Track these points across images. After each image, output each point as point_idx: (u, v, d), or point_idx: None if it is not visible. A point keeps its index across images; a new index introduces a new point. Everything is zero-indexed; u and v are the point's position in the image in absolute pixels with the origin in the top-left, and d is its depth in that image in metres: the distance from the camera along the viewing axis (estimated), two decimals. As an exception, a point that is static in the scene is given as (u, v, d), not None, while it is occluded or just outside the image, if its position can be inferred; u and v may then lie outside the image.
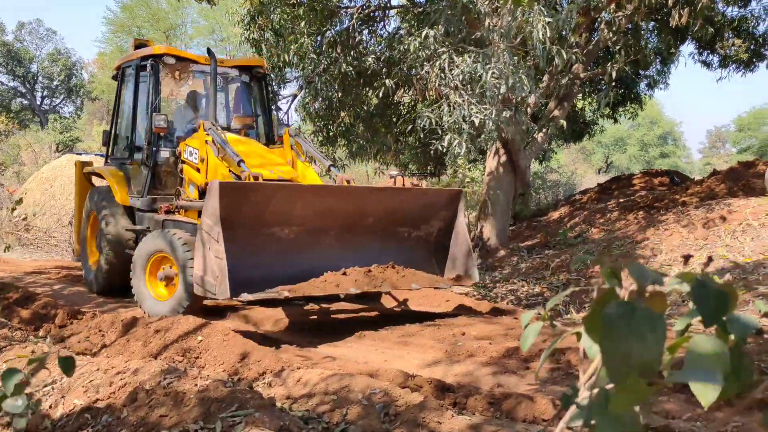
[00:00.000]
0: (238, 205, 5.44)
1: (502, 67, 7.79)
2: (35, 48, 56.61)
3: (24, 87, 56.12)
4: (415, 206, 6.49)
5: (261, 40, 11.02)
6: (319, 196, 5.97)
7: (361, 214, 6.18)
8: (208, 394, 3.30)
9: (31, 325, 6.02)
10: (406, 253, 6.38)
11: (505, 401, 3.39)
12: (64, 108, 58.33)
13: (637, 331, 0.73)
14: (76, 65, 57.12)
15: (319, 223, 6.02)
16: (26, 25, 56.39)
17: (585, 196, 16.84)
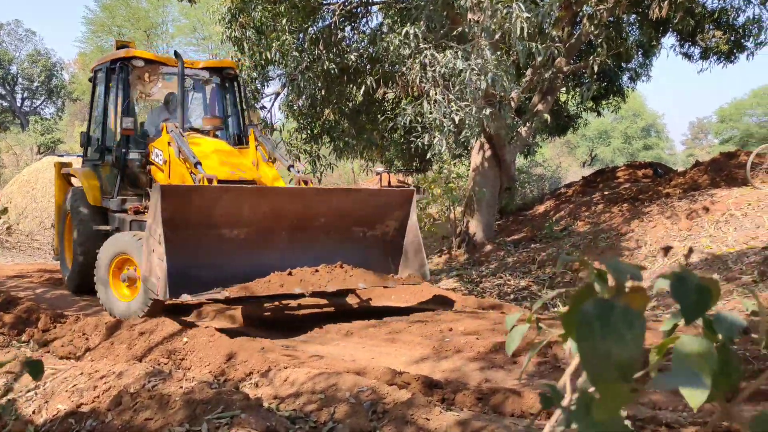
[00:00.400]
0: (182, 208, 5.49)
1: (481, 63, 7.79)
2: (14, 49, 55.92)
3: (4, 89, 55.42)
4: (367, 207, 6.53)
5: (243, 38, 10.95)
6: (265, 198, 6.01)
7: (312, 215, 6.23)
8: (193, 396, 3.27)
9: (14, 330, 5.93)
10: (362, 252, 6.44)
11: (493, 396, 3.39)
12: (45, 109, 57.69)
13: (614, 329, 0.70)
14: (57, 66, 56.50)
15: (269, 224, 6.06)
16: (4, 26, 55.69)
17: (570, 190, 16.92)
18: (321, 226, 6.33)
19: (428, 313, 6.03)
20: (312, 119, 12.39)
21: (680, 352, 0.77)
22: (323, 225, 6.33)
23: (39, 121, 44.73)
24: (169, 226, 5.30)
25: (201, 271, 5.60)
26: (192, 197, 5.64)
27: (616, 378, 0.69)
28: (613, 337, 0.70)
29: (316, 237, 6.33)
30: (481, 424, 2.86)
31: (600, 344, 0.70)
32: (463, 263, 11.76)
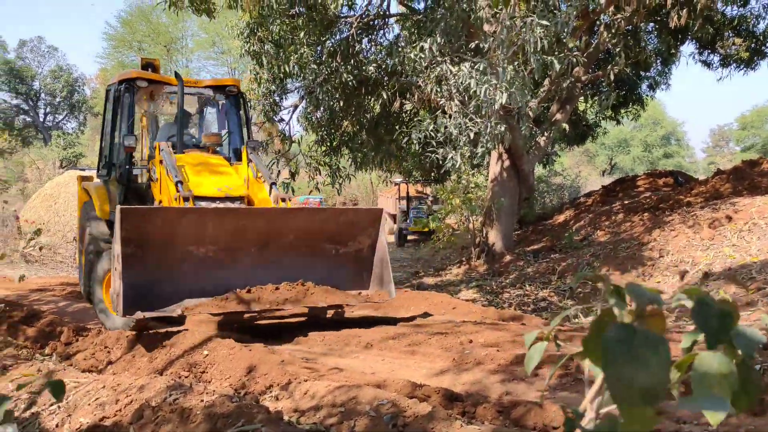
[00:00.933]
0: (141, 229, 5.62)
1: (496, 82, 7.76)
2: (37, 65, 56.96)
3: (27, 104, 56.41)
4: (335, 226, 6.58)
5: (261, 51, 11.04)
6: (227, 218, 6.07)
7: (278, 235, 6.30)
8: (214, 409, 3.28)
9: (37, 343, 6.01)
10: (330, 270, 6.50)
11: (514, 409, 3.35)
12: (67, 124, 58.63)
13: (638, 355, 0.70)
14: (78, 81, 57.45)
15: (233, 244, 6.14)
16: (28, 42, 56.78)
17: (590, 199, 16.81)
18: (288, 245, 6.38)
19: (448, 325, 5.99)
20: (331, 131, 12.45)
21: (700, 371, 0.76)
22: (291, 244, 6.39)
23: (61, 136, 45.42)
24: (129, 246, 5.49)
25: (162, 289, 5.68)
26: (151, 218, 5.78)
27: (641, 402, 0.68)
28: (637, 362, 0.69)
29: (285, 256, 6.38)
30: (503, 438, 2.83)
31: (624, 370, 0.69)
32: (483, 274, 11.71)
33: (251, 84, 12.10)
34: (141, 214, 5.80)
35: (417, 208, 21.65)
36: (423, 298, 7.55)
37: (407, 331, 5.74)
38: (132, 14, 34.54)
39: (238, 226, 6.11)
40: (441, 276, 12.77)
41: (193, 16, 15.15)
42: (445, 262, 14.89)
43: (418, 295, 7.76)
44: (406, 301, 7.59)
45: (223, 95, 8.41)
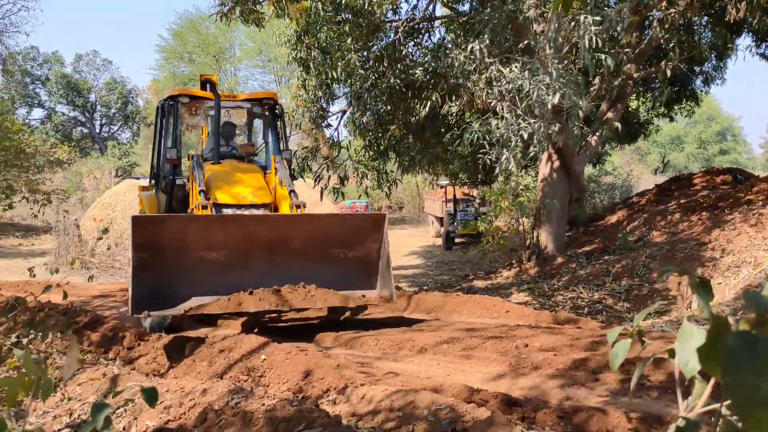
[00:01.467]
0: (153, 235, 6.02)
1: (548, 81, 7.68)
2: (93, 78, 58.87)
3: (84, 116, 58.32)
4: (341, 231, 6.82)
5: (308, 58, 11.17)
6: (233, 225, 6.49)
7: (285, 240, 6.58)
8: (275, 413, 3.33)
9: (101, 348, 6.18)
10: (338, 273, 6.70)
11: (576, 415, 3.30)
12: (122, 134, 60.37)
13: (762, 364, 0.69)
14: (132, 93, 59.12)
15: (242, 249, 6.48)
16: (83, 56, 58.74)
17: (643, 198, 16.45)
18: (296, 250, 6.64)
19: (502, 329, 5.94)
20: (378, 135, 12.51)
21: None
22: (298, 249, 6.65)
23: (116, 146, 46.82)
24: (141, 251, 5.89)
25: (172, 292, 6.04)
26: (162, 225, 6.21)
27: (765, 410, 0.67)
28: (761, 370, 0.68)
29: (293, 260, 6.62)
30: (565, 443, 2.80)
31: (747, 378, 0.68)
32: (534, 276, 11.58)
33: (298, 90, 12.25)
34: (151, 222, 6.37)
35: (464, 211, 21.53)
36: (475, 302, 7.50)
37: (461, 336, 5.71)
38: (182, 26, 35.38)
39: (246, 232, 6.43)
40: (491, 279, 12.67)
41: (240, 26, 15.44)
42: (494, 265, 14.78)
43: (470, 298, 7.71)
44: (458, 305, 7.55)
45: (259, 107, 8.78)
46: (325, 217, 7.46)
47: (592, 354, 4.50)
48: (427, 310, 7.69)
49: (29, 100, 55.68)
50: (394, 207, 39.58)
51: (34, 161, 24.57)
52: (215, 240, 6.37)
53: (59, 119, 56.19)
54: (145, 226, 6.05)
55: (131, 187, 21.36)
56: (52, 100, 56.79)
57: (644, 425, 3.06)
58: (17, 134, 23.52)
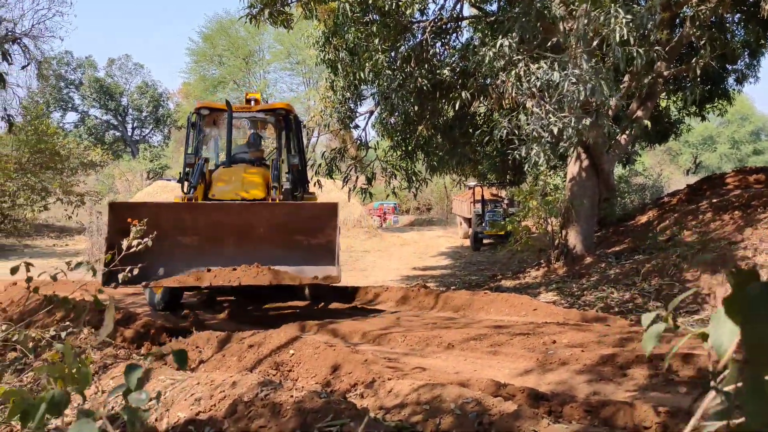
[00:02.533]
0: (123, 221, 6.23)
1: (579, 73, 7.63)
2: (125, 82, 59.91)
3: (116, 119, 59.38)
4: (297, 218, 7.43)
5: (336, 59, 11.25)
6: (202, 212, 7.34)
7: (250, 226, 7.30)
8: (304, 405, 3.38)
9: (134, 344, 6.32)
10: (297, 255, 7.30)
11: (603, 409, 3.30)
12: (153, 137, 61.35)
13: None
14: (163, 96, 60.03)
15: (210, 234, 7.24)
16: (116, 60, 59.80)
17: (674, 198, 16.22)
18: (259, 235, 7.32)
19: (530, 326, 5.93)
20: (406, 135, 12.53)
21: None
22: (261, 234, 7.32)
23: (148, 149, 47.58)
24: (114, 233, 6.43)
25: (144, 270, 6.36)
26: (136, 211, 6.71)
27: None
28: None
29: (257, 244, 7.29)
30: (592, 436, 2.80)
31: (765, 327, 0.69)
32: (562, 276, 11.49)
33: (327, 92, 12.34)
34: (126, 208, 7.37)
35: (492, 211, 21.45)
36: (503, 300, 7.49)
37: (489, 332, 5.72)
38: (212, 29, 35.79)
39: (214, 218, 7.25)
40: (519, 279, 12.61)
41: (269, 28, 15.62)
42: (522, 265, 14.70)
43: (498, 297, 7.70)
44: (486, 303, 7.55)
45: (273, 117, 9.56)
46: (283, 205, 7.83)
47: (621, 350, 4.48)
48: (455, 309, 7.70)
49: (63, 104, 56.88)
50: (422, 208, 39.55)
51: (68, 164, 25.09)
52: (186, 225, 7.08)
53: (92, 122, 57.29)
54: (119, 210, 6.93)
55: (162, 189, 21.74)
56: (85, 103, 57.96)
57: (673, 419, 3.05)
58: (52, 137, 24.05)
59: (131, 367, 1.40)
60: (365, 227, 26.64)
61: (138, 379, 1.37)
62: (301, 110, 34.57)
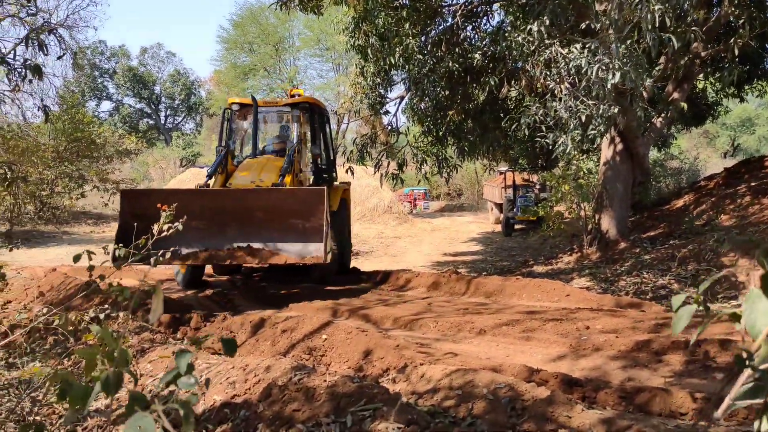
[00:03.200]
0: (138, 205, 7.48)
1: (608, 61, 7.47)
2: (157, 70, 60.62)
3: (149, 108, 60.17)
4: (289, 203, 7.90)
5: (366, 45, 11.22)
6: (204, 198, 8.06)
7: (249, 210, 7.93)
8: (337, 389, 3.41)
9: (170, 328, 6.44)
10: (289, 239, 7.81)
11: (638, 395, 3.26)
12: (185, 125, 62.05)
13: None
14: (194, 84, 60.61)
15: (213, 216, 7.86)
16: (148, 49, 60.52)
17: (711, 182, 15.88)
18: (257, 219, 7.89)
19: (563, 312, 5.89)
20: (437, 121, 12.46)
21: None
22: (259, 217, 7.89)
23: (180, 137, 48.15)
24: (126, 218, 7.44)
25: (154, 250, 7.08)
26: (147, 197, 7.79)
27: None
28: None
29: (255, 226, 7.88)
30: (627, 422, 2.77)
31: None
32: (596, 261, 11.37)
33: (357, 78, 12.33)
34: (136, 195, 8.59)
35: (524, 197, 21.27)
36: (535, 286, 7.44)
37: (521, 318, 5.69)
38: (243, 17, 35.93)
39: (215, 203, 7.93)
40: (551, 264, 12.51)
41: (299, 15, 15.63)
42: (555, 251, 14.57)
43: (530, 282, 7.65)
44: (518, 289, 7.51)
45: (297, 110, 9.93)
46: (276, 191, 8.23)
47: (656, 336, 4.42)
48: (487, 294, 7.67)
49: (98, 93, 57.83)
50: (453, 194, 39.40)
51: (103, 152, 25.53)
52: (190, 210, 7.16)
53: (126, 111, 58.14)
54: (130, 197, 8.07)
55: (195, 176, 21.99)
56: (119, 92, 58.84)
57: (709, 406, 3.01)
58: (88, 126, 24.48)
59: (181, 352, 1.43)
60: (395, 213, 26.64)
61: (188, 365, 1.41)
62: (331, 96, 34.63)
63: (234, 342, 1.57)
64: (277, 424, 3.28)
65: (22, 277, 10.51)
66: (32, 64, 5.73)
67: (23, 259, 14.20)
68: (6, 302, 8.60)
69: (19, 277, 10.53)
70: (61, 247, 17.94)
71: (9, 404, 4.73)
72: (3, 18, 6.75)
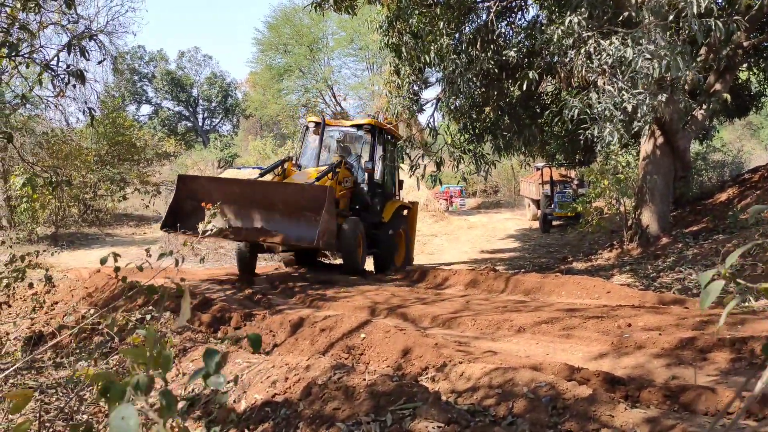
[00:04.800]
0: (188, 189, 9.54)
1: (653, 48, 7.33)
2: (194, 73, 61.53)
3: (187, 110, 61.11)
4: (299, 197, 9.30)
5: (400, 44, 11.20)
6: (235, 187, 9.68)
7: (271, 200, 9.42)
8: (376, 388, 3.42)
9: (210, 328, 6.53)
10: (300, 225, 9.25)
11: (683, 394, 3.20)
12: (223, 127, 62.84)
13: None
14: (231, 86, 61.34)
15: (244, 203, 9.49)
16: (185, 53, 61.47)
17: (756, 175, 15.47)
18: (277, 208, 9.38)
19: (603, 309, 5.80)
20: (473, 118, 12.39)
21: None
22: (278, 207, 9.37)
23: (218, 138, 48.77)
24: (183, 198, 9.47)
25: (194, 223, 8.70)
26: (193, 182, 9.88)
27: None
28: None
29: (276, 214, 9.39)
30: (672, 422, 2.72)
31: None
32: (637, 257, 11.17)
33: (391, 76, 12.31)
34: (190, 179, 10.10)
35: (562, 193, 21.00)
36: (574, 283, 7.35)
37: (560, 315, 5.63)
38: (277, 18, 36.22)
39: (245, 192, 9.52)
40: (591, 261, 12.34)
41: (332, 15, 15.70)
42: (594, 247, 14.37)
43: (570, 279, 7.56)
44: (557, 286, 7.43)
45: (360, 130, 11.71)
46: (289, 185, 9.85)
47: (700, 333, 4.33)
48: (525, 292, 7.61)
49: (137, 97, 58.96)
50: (489, 191, 39.13)
51: (144, 155, 26.04)
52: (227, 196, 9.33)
53: (165, 114, 59.17)
54: (184, 180, 9.78)
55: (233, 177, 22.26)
56: (158, 96, 59.89)
57: (758, 405, 2.93)
58: (129, 130, 24.99)
59: (209, 351, 1.46)
60: (432, 211, 26.55)
61: (216, 363, 1.43)
62: (366, 95, 34.68)
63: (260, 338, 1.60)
64: (318, 422, 3.30)
65: (68, 279, 10.79)
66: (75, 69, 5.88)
67: (68, 261, 14.57)
68: (53, 303, 8.85)
69: (64, 278, 10.81)
70: (105, 249, 18.34)
71: (57, 403, 4.87)
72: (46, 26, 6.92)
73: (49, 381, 5.61)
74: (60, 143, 20.36)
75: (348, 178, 11.09)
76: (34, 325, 7.24)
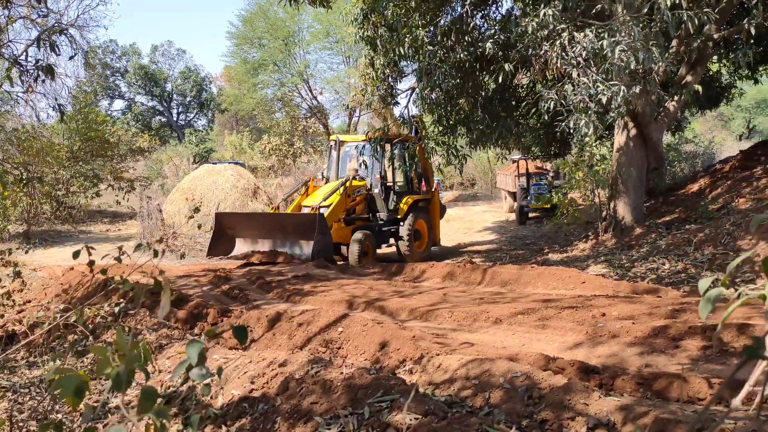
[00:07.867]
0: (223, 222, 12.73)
1: (629, 40, 7.39)
2: (168, 68, 60.83)
3: (161, 105, 60.41)
4: (299, 223, 11.87)
5: (375, 36, 11.17)
6: (253, 219, 13.39)
7: (281, 226, 12.19)
8: (354, 381, 3.43)
9: (187, 324, 6.48)
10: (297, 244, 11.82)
11: (656, 381, 3.25)
12: (198, 121, 62.24)
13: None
14: (205, 80, 60.75)
15: (261, 231, 12.36)
16: (159, 47, 60.73)
17: (727, 165, 15.71)
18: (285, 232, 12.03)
19: (579, 299, 5.87)
20: (447, 110, 12.40)
21: None
22: (286, 231, 12.02)
23: (193, 133, 48.33)
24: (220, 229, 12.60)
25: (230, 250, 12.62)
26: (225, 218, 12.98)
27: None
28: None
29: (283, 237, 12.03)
30: (645, 409, 2.76)
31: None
32: (611, 248, 11.31)
33: (366, 69, 12.29)
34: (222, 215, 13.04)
35: (538, 185, 21.14)
36: (550, 274, 7.42)
37: (537, 306, 5.68)
38: (251, 12, 35.86)
39: (260, 222, 12.82)
40: (566, 252, 12.46)
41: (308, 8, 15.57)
42: (569, 238, 14.51)
43: (545, 271, 7.63)
44: (533, 277, 7.49)
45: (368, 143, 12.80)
46: (289, 215, 12.72)
47: (673, 321, 4.40)
48: (502, 283, 7.66)
49: (110, 92, 58.17)
50: (466, 183, 39.25)
51: (117, 150, 25.72)
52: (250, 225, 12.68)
53: (139, 109, 58.47)
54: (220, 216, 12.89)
55: (209, 173, 22.10)
56: (131, 91, 59.15)
57: (727, 391, 2.99)
58: (101, 125, 24.65)
59: (193, 343, 1.44)
60: (409, 204, 26.55)
61: (199, 355, 1.42)
62: (342, 89, 34.57)
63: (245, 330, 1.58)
64: (296, 417, 3.30)
65: (41, 277, 10.63)
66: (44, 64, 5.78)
67: (41, 259, 14.35)
68: (25, 302, 8.72)
69: (36, 276, 10.65)
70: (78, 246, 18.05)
71: (31, 402, 4.81)
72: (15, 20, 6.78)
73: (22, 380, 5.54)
74: (31, 139, 20.02)
75: (360, 188, 13.08)
76: (6, 324, 7.13)
